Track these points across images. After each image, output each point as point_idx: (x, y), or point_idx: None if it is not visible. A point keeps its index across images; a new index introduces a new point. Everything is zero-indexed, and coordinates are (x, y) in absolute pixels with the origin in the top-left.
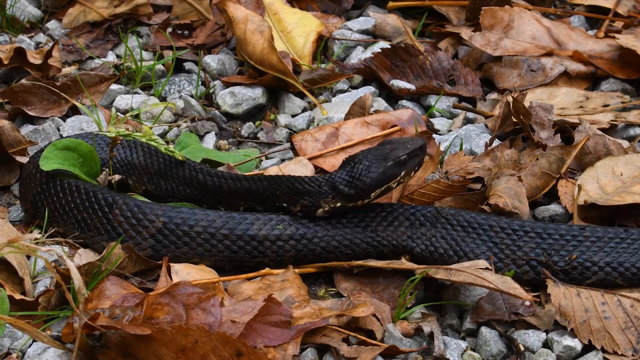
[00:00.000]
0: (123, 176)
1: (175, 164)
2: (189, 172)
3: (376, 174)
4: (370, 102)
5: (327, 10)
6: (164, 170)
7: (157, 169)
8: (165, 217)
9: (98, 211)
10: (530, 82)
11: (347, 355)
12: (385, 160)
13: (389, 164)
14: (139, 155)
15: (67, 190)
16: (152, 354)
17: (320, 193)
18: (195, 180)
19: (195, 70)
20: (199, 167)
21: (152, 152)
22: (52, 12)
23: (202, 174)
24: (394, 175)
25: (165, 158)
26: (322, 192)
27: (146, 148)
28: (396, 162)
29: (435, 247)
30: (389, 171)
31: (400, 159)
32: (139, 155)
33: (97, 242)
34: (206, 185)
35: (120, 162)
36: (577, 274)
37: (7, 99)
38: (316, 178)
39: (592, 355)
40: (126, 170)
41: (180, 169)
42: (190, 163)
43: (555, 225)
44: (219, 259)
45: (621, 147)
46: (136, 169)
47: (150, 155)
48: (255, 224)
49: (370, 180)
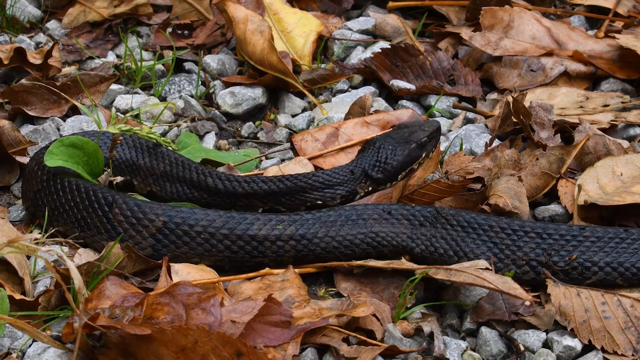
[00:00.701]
0: (127, 177)
1: (182, 166)
2: (197, 175)
3: (402, 156)
4: (370, 102)
5: (327, 10)
6: (170, 172)
7: (162, 170)
8: (165, 217)
9: (98, 210)
10: (530, 82)
11: (347, 355)
12: (408, 143)
13: (413, 147)
14: (144, 157)
15: (67, 188)
16: (152, 354)
17: (355, 180)
18: (204, 184)
19: (195, 70)
20: (207, 170)
21: (158, 154)
22: (52, 12)
23: (211, 177)
24: (417, 157)
25: (171, 160)
26: (357, 179)
27: (152, 149)
28: (418, 144)
29: (435, 247)
30: (413, 153)
31: (422, 141)
32: (145, 157)
33: (97, 242)
34: (217, 189)
35: (125, 162)
36: (577, 274)
37: (7, 99)
38: (344, 167)
39: (592, 355)
40: (131, 171)
41: (187, 171)
42: (198, 166)
43: (555, 225)
44: (219, 258)
45: (621, 147)
46: (141, 170)
47: (156, 157)
48: (255, 224)
49: (397, 163)
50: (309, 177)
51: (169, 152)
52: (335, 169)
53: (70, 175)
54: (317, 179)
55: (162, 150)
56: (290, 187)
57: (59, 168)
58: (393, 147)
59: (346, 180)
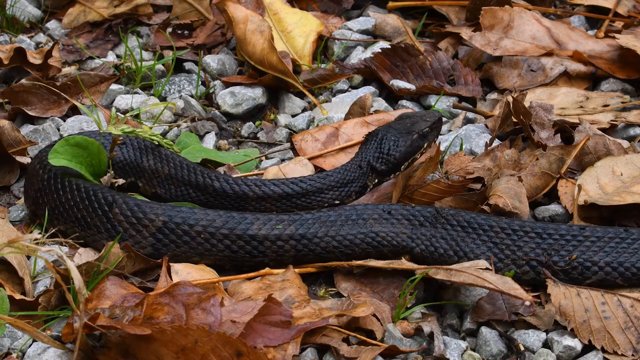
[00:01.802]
0: (132, 179)
1: (187, 169)
2: (203, 179)
3: (404, 147)
4: (370, 102)
5: (327, 10)
6: (174, 175)
7: (167, 173)
8: (165, 216)
9: (98, 210)
10: (530, 82)
11: (347, 355)
12: (410, 134)
13: (415, 137)
14: (148, 159)
15: (68, 188)
16: (152, 354)
17: (364, 175)
18: (210, 187)
19: (195, 70)
20: (213, 174)
21: (162, 157)
22: (52, 12)
23: (218, 181)
24: (419, 147)
25: (176, 163)
26: (365, 174)
27: (157, 152)
28: (420, 134)
29: (435, 247)
30: (415, 143)
31: (424, 131)
32: (149, 159)
33: (97, 241)
34: (225, 193)
35: (129, 164)
36: (577, 274)
37: (7, 99)
38: (352, 163)
39: (592, 355)
40: (136, 173)
41: (193, 174)
42: (203, 170)
43: (555, 225)
44: (219, 258)
45: (621, 147)
46: (146, 172)
47: (161, 160)
48: (255, 223)
49: (400, 154)
50: (324, 177)
51: (174, 155)
52: (345, 166)
53: (72, 175)
54: (332, 178)
55: (166, 153)
56: (306, 188)
57: (60, 167)
58: (395, 138)
59: (357, 176)
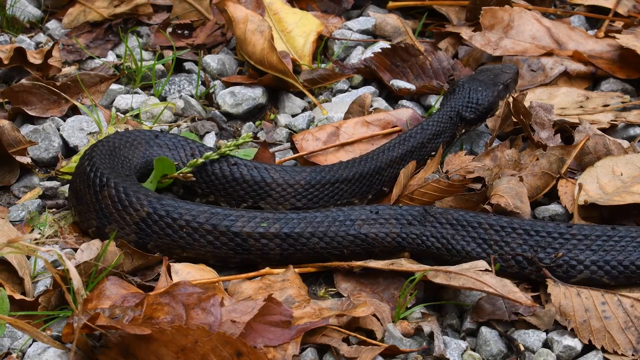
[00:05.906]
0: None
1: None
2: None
3: (492, 97)
4: (369, 101)
5: (327, 10)
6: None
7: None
8: (150, 207)
9: (90, 188)
10: (530, 82)
11: (347, 355)
12: (496, 85)
13: (500, 88)
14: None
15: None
16: (152, 354)
17: (454, 125)
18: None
19: (195, 70)
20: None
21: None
22: (52, 12)
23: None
24: (502, 98)
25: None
26: (455, 124)
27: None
28: (504, 85)
29: (426, 246)
30: (500, 94)
31: (507, 82)
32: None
33: (88, 220)
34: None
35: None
36: (562, 272)
37: (7, 99)
38: (441, 115)
39: (592, 355)
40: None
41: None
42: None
43: (543, 223)
44: (201, 253)
45: (621, 147)
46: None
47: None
48: (239, 220)
49: (488, 104)
50: (421, 131)
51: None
52: (434, 117)
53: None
54: (428, 130)
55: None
56: (414, 144)
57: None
58: (482, 89)
59: (449, 126)
